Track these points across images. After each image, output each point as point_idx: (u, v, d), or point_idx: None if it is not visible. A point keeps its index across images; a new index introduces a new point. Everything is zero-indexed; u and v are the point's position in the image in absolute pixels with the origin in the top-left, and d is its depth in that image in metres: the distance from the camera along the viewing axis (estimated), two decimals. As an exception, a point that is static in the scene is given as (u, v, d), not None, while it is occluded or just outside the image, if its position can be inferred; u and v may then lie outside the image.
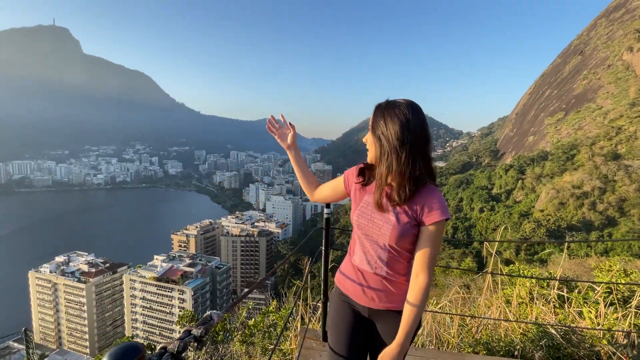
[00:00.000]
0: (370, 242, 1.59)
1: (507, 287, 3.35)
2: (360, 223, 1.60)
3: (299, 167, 1.96)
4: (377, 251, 1.57)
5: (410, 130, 1.40)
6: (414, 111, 1.43)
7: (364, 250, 1.63)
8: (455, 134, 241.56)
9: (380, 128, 1.45)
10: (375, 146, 1.48)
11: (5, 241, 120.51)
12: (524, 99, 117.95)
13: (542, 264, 24.52)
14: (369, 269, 1.60)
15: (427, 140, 1.45)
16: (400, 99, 1.48)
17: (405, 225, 1.47)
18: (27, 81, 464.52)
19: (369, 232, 1.57)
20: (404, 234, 1.47)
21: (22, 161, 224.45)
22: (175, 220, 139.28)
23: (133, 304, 58.67)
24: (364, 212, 1.59)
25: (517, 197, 63.10)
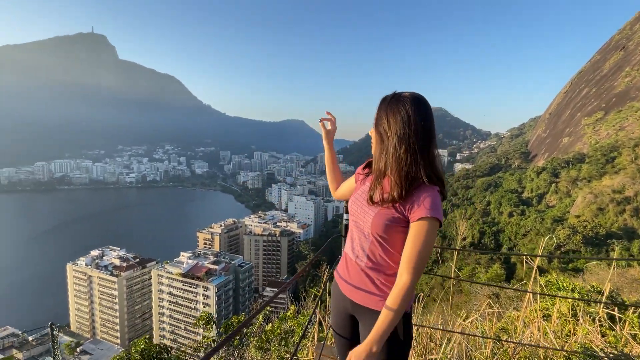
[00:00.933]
0: (357, 230, 1.59)
1: (544, 299, 3.07)
2: (352, 209, 1.62)
3: (330, 160, 2.04)
4: (361, 239, 1.56)
5: (410, 126, 1.35)
6: (417, 106, 1.37)
7: (352, 238, 1.64)
8: (482, 134, 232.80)
9: (382, 123, 1.42)
10: (377, 141, 1.48)
11: (48, 235, 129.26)
12: (559, 98, 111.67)
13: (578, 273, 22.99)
14: (352, 256, 1.60)
15: (429, 138, 1.40)
16: (407, 92, 1.42)
17: (388, 216, 1.42)
18: (68, 86, 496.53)
19: (358, 219, 1.57)
20: (386, 223, 1.42)
21: (62, 160, 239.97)
22: (200, 218, 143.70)
23: (160, 299, 60.98)
24: (357, 199, 1.61)
25: (550, 201, 59.75)
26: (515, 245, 50.01)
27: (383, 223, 1.43)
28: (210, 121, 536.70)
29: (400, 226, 1.43)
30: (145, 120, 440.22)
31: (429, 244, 1.37)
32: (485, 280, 18.03)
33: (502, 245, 51.95)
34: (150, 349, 3.15)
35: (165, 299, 60.33)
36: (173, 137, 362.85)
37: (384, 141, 1.43)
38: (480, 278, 18.86)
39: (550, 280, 3.14)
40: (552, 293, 3.10)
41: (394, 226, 1.43)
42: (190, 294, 58.26)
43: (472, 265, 40.98)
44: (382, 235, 1.46)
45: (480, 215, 62.86)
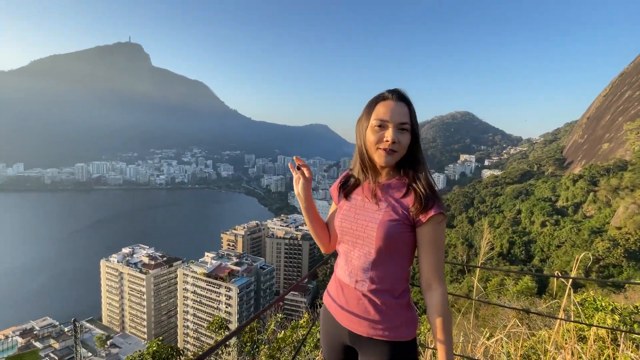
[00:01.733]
0: (354, 249, 1.39)
1: (579, 316, 2.82)
2: (344, 227, 1.42)
3: (309, 217, 1.61)
4: (360, 260, 1.36)
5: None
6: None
7: (347, 260, 1.43)
8: (513, 140, 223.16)
9: (416, 119, 1.37)
10: (407, 139, 1.34)
11: (85, 232, 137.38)
12: (598, 101, 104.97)
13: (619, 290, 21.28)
14: (349, 281, 1.40)
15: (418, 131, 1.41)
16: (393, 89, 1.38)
17: (392, 223, 1.28)
18: (107, 92, 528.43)
19: (355, 237, 1.38)
20: (392, 232, 1.27)
21: (99, 162, 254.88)
22: (225, 220, 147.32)
23: (185, 297, 62.82)
24: (347, 215, 1.43)
25: (588, 211, 55.98)
26: (548, 257, 47.21)
27: (388, 232, 1.28)
28: (236, 125, 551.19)
29: (407, 231, 1.29)
30: (175, 124, 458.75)
31: (444, 244, 1.29)
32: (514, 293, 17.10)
33: (533, 256, 49.20)
34: (162, 351, 3.21)
35: (190, 297, 62.08)
36: (201, 141, 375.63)
37: (415, 133, 1.35)
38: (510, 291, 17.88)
39: (586, 298, 2.87)
40: (588, 312, 2.84)
41: (400, 233, 1.28)
42: (214, 294, 59.60)
43: (501, 275, 39.08)
44: (390, 248, 1.30)
45: (510, 224, 59.98)
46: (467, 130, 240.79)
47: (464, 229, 64.10)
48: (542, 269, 43.97)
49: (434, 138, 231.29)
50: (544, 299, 8.13)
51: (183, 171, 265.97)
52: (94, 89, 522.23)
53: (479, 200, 76.74)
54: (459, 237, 57.30)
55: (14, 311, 74.25)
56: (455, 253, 50.61)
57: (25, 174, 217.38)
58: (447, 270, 44.68)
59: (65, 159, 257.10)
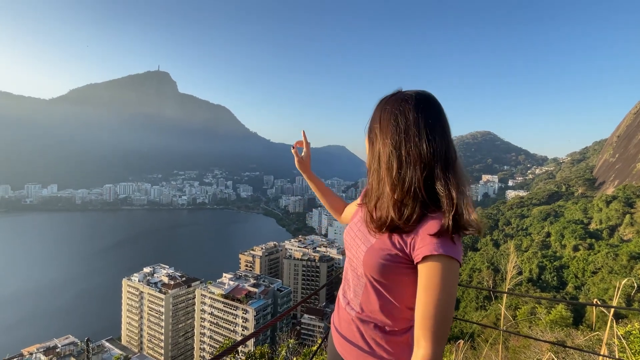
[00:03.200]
0: (351, 269, 1.24)
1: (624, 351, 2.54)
2: (346, 241, 1.29)
3: (316, 188, 1.83)
4: (354, 281, 1.21)
5: (411, 128, 1.01)
6: (422, 107, 1.03)
7: (345, 278, 1.30)
8: (537, 159, 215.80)
9: (374, 127, 1.09)
10: (368, 150, 1.15)
11: (109, 251, 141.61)
12: (628, 119, 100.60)
13: (669, 323, 19.35)
14: (343, 302, 1.28)
15: (440, 146, 1.02)
16: (412, 90, 1.10)
17: (383, 253, 1.05)
18: (137, 117, 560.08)
19: (352, 254, 1.22)
20: (380, 263, 1.05)
21: (126, 183, 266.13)
22: (243, 240, 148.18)
23: (202, 318, 62.50)
24: (351, 228, 1.29)
25: (625, 234, 52.35)
26: (584, 284, 44.00)
27: (378, 262, 1.06)
28: (256, 147, 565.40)
29: (404, 267, 1.04)
30: (198, 147, 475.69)
31: (448, 295, 0.94)
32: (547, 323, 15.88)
33: (566, 283, 46.01)
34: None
35: (207, 319, 61.70)
36: (222, 162, 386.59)
37: (375, 150, 1.09)
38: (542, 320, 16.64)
39: (631, 331, 2.59)
40: (634, 348, 2.56)
41: (394, 267, 1.04)
42: (230, 315, 59.03)
43: (531, 303, 36.59)
44: (378, 278, 1.08)
45: (539, 248, 56.84)
46: (489, 150, 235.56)
47: (489, 253, 61.26)
48: (577, 297, 40.97)
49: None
50: (581, 331, 7.49)
51: (204, 192, 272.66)
52: (126, 115, 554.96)
53: (504, 222, 73.61)
54: (484, 261, 54.69)
55: (40, 328, 76.30)
56: (481, 278, 48.15)
57: (58, 195, 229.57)
58: (472, 297, 42.37)
59: (96, 180, 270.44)
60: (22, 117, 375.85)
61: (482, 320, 30.53)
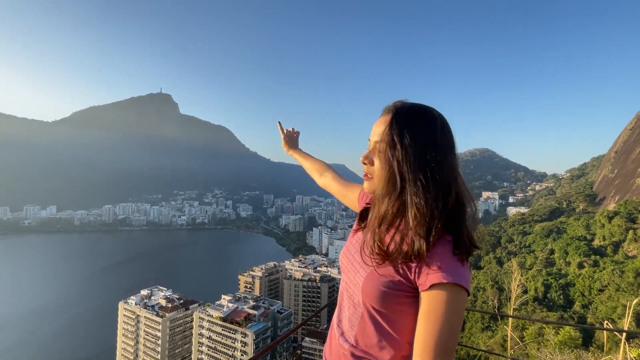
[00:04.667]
0: (347, 296, 1.09)
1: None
2: (342, 264, 1.14)
3: (302, 159, 2.01)
4: (349, 310, 1.06)
5: (438, 148, 0.90)
6: (442, 122, 0.95)
7: (340, 304, 1.15)
8: (537, 176, 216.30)
9: (394, 146, 0.91)
10: (382, 169, 0.95)
11: (107, 272, 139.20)
12: (624, 135, 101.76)
13: (681, 342, 18.79)
14: (336, 331, 1.12)
15: (453, 166, 0.95)
16: (424, 104, 0.98)
17: (385, 279, 0.93)
18: (139, 138, 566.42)
19: (349, 279, 1.08)
20: (381, 291, 0.92)
21: (126, 204, 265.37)
22: (243, 260, 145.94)
23: (200, 343, 60.60)
24: (348, 249, 1.15)
25: (630, 250, 51.68)
26: (591, 302, 43.01)
27: (379, 289, 0.93)
28: (256, 167, 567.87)
29: (407, 297, 0.91)
30: (199, 167, 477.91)
31: (453, 326, 0.82)
32: (556, 344, 15.39)
33: (573, 301, 44.95)
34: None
35: (205, 343, 59.81)
36: (222, 182, 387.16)
37: (393, 169, 0.91)
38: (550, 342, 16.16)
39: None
40: (647, 370, 2.47)
41: (395, 295, 0.92)
42: (229, 339, 57.27)
43: (539, 325, 35.55)
44: (377, 308, 0.95)
45: (543, 266, 55.94)
46: (488, 167, 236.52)
47: (493, 271, 60.28)
48: (585, 317, 39.91)
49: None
50: (592, 352, 7.24)
51: (204, 212, 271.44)
52: (127, 136, 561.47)
53: (507, 239, 72.85)
54: (488, 280, 53.68)
55: (34, 352, 74.02)
56: (485, 297, 47.12)
57: (57, 216, 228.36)
58: (478, 318, 41.31)
59: (95, 201, 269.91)
60: (24, 139, 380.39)
61: (489, 342, 29.66)
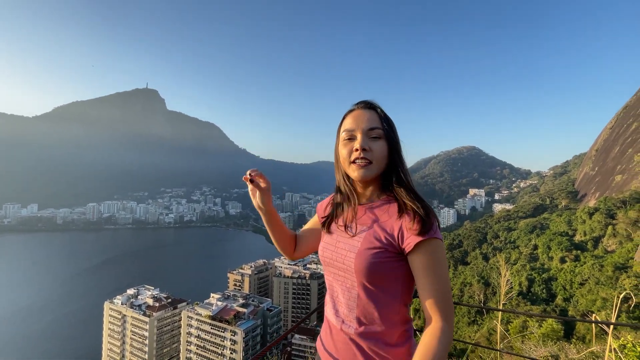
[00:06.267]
0: (339, 285, 1.17)
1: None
2: (325, 257, 1.22)
3: (272, 228, 1.42)
4: (345, 295, 1.14)
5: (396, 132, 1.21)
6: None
7: (332, 296, 1.22)
8: (522, 173, 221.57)
9: (391, 129, 1.17)
10: (384, 149, 1.15)
11: (91, 272, 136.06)
12: (605, 133, 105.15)
13: (656, 333, 19.65)
14: (336, 322, 1.17)
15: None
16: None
17: (373, 252, 1.05)
18: (125, 135, 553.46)
19: (337, 268, 1.17)
20: (372, 263, 1.04)
21: (111, 201, 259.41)
22: (232, 258, 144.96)
23: (188, 342, 59.98)
24: (328, 242, 1.25)
25: (609, 245, 53.57)
26: (572, 295, 44.44)
27: (370, 262, 1.05)
28: (245, 164, 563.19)
29: (395, 261, 1.05)
30: (186, 164, 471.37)
31: (445, 271, 1.01)
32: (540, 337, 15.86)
33: (555, 295, 46.37)
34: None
35: (194, 342, 59.24)
36: (210, 179, 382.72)
37: (393, 149, 1.15)
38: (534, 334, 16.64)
39: (625, 344, 2.58)
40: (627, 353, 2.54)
41: (386, 263, 1.04)
42: (218, 338, 56.87)
43: (523, 318, 36.57)
44: (371, 281, 1.06)
45: (527, 261, 57.46)
46: (475, 165, 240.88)
47: (479, 266, 61.56)
48: (567, 310, 41.24)
49: (441, 173, 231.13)
50: (574, 344, 7.47)
51: (192, 210, 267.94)
52: (112, 133, 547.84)
53: (493, 236, 74.50)
54: (474, 275, 54.82)
55: (15, 355, 71.74)
56: (472, 292, 48.13)
57: (38, 215, 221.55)
58: (465, 312, 42.18)
59: (79, 199, 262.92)
60: (2, 135, 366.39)
61: (476, 335, 30.31)
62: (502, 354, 6.94)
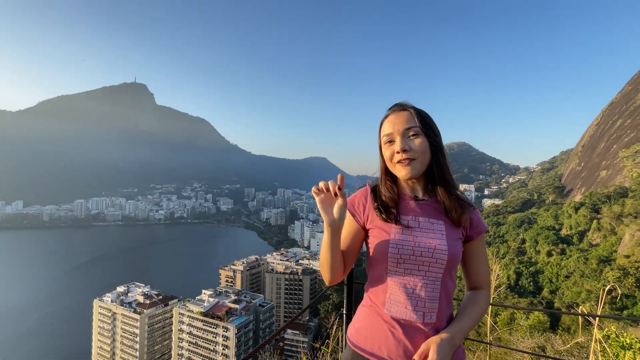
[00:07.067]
0: (418, 278, 1.20)
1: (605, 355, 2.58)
2: (403, 255, 1.20)
3: (331, 251, 1.25)
4: (427, 288, 1.19)
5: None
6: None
7: (407, 293, 1.20)
8: (511, 169, 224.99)
9: (429, 124, 1.29)
10: (424, 143, 1.26)
11: (80, 270, 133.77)
12: (590, 130, 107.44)
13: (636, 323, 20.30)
14: (416, 317, 1.17)
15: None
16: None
17: (456, 240, 1.26)
18: (112, 130, 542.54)
19: (417, 262, 1.20)
20: (459, 251, 1.26)
21: (99, 198, 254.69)
22: (224, 255, 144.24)
23: (180, 339, 59.71)
24: (404, 239, 1.23)
25: (593, 239, 55.07)
26: (558, 288, 45.64)
27: (458, 249, 1.25)
28: (236, 160, 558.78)
29: (462, 249, 1.31)
30: (176, 160, 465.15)
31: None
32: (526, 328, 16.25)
33: (542, 288, 47.57)
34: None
35: (185, 339, 59.01)
36: (201, 176, 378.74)
37: (434, 142, 1.29)
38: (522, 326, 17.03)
39: (609, 334, 2.65)
40: (614, 350, 2.61)
41: (460, 251, 1.28)
42: (210, 334, 56.75)
43: (510, 310, 37.42)
44: (455, 268, 1.26)
45: (515, 254, 58.72)
46: (465, 160, 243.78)
47: (469, 260, 62.64)
48: (553, 302, 42.34)
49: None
50: (560, 335, 7.67)
51: (182, 206, 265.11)
52: (99, 127, 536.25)
53: (482, 230, 75.86)
54: (464, 269, 55.80)
55: (1, 355, 70.33)
56: (461, 286, 48.88)
57: (24, 212, 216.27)
58: (455, 305, 42.90)
59: (66, 196, 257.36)
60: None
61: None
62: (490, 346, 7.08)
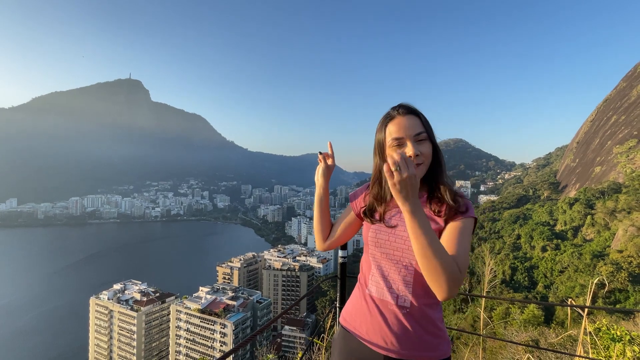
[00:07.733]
0: (392, 262, 1.32)
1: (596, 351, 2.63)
2: (380, 239, 1.36)
3: (320, 207, 1.65)
4: (402, 272, 1.29)
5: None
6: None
7: (383, 275, 1.34)
8: (506, 165, 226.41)
9: (431, 132, 1.38)
10: (430, 150, 1.36)
11: (76, 267, 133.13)
12: (585, 126, 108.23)
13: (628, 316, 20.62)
14: (390, 298, 1.29)
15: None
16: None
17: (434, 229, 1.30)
18: (107, 127, 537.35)
19: (392, 247, 1.33)
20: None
21: (95, 195, 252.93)
22: (221, 252, 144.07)
23: (178, 335, 59.78)
24: (382, 226, 1.39)
25: (587, 234, 55.69)
26: (552, 283, 46.18)
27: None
28: (233, 157, 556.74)
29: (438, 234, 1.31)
30: (173, 157, 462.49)
31: (469, 243, 1.22)
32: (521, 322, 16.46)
33: (537, 282, 48.12)
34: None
35: (183, 335, 59.09)
36: (198, 172, 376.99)
37: (437, 149, 1.38)
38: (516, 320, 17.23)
39: (600, 327, 2.70)
40: (604, 343, 2.66)
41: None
42: (208, 331, 56.87)
43: (505, 303, 37.84)
44: None
45: (511, 250, 59.25)
46: (461, 157, 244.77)
47: (465, 256, 63.15)
48: (547, 296, 42.86)
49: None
50: (553, 329, 7.78)
51: (179, 203, 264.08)
52: (94, 124, 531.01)
53: (478, 226, 76.31)
54: (460, 265, 56.25)
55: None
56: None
57: (18, 210, 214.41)
58: (450, 300, 43.36)
59: (61, 193, 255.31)
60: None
61: (461, 322, 31.22)
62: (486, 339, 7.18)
